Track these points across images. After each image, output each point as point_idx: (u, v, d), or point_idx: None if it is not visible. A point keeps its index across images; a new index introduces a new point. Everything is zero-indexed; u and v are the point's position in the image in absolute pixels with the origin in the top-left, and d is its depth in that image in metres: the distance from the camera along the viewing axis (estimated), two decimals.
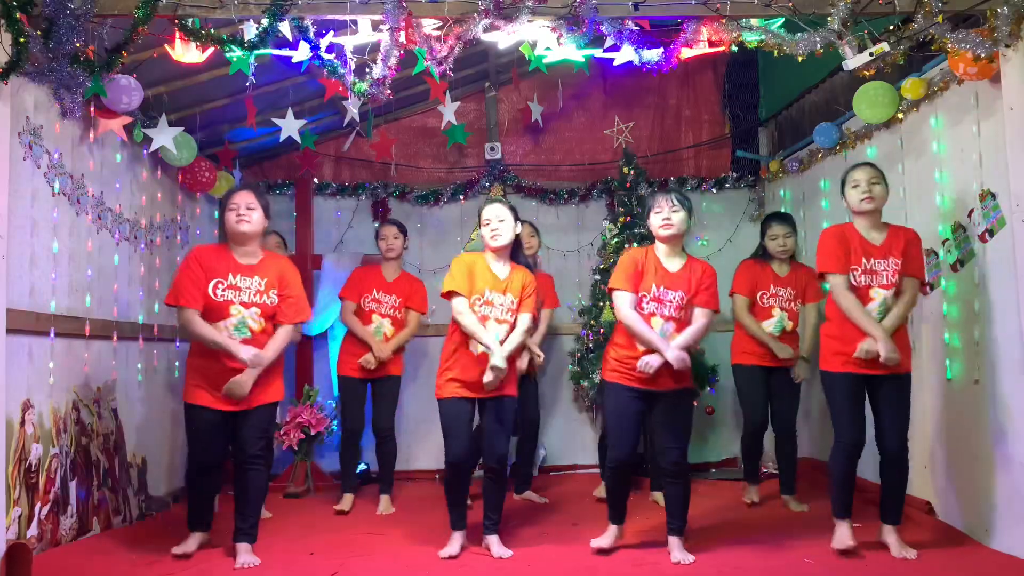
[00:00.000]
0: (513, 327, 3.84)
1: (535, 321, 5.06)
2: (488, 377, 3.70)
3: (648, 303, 3.68)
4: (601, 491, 5.13)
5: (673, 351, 3.60)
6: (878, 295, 3.68)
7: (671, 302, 3.65)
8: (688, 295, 3.67)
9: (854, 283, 3.70)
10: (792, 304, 4.83)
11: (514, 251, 3.95)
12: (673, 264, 3.73)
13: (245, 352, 3.64)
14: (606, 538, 3.84)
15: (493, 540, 3.85)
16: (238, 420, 3.76)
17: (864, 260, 3.69)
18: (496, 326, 3.80)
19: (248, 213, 3.75)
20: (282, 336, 3.82)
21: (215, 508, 4.10)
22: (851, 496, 3.71)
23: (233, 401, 3.69)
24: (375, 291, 5.04)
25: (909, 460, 3.70)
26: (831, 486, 3.75)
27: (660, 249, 3.77)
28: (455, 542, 3.84)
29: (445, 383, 3.83)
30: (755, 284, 4.86)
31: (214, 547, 3.94)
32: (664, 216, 3.68)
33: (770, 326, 4.81)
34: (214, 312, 3.69)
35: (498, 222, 3.83)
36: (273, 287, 3.78)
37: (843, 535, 3.66)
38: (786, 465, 4.87)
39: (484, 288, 3.80)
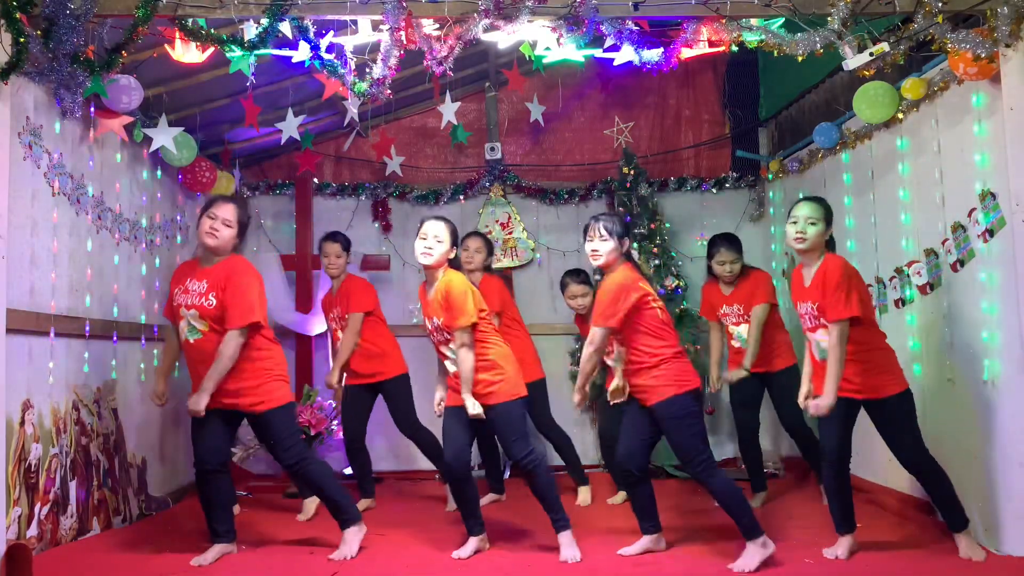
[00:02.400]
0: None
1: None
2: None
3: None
4: (618, 499, 5.06)
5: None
6: (811, 338, 3.65)
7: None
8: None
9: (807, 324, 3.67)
10: (745, 316, 4.87)
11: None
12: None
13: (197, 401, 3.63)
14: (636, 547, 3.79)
15: (563, 538, 3.73)
16: (255, 427, 3.84)
17: (799, 303, 3.67)
18: (445, 351, 3.79)
19: (221, 229, 3.70)
20: (225, 349, 3.59)
21: (234, 515, 3.94)
22: (850, 509, 3.69)
23: (226, 400, 3.68)
24: (332, 310, 5.04)
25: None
26: (829, 503, 3.74)
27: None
28: (468, 546, 3.80)
29: (444, 395, 3.93)
30: (712, 307, 5.00)
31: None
32: (592, 247, 3.66)
33: (735, 344, 4.93)
34: (175, 315, 3.76)
35: (435, 240, 3.71)
36: (213, 291, 3.65)
37: (843, 547, 3.64)
38: (813, 460, 4.80)
39: (424, 318, 3.84)
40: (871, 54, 3.60)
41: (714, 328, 5.04)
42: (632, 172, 6.19)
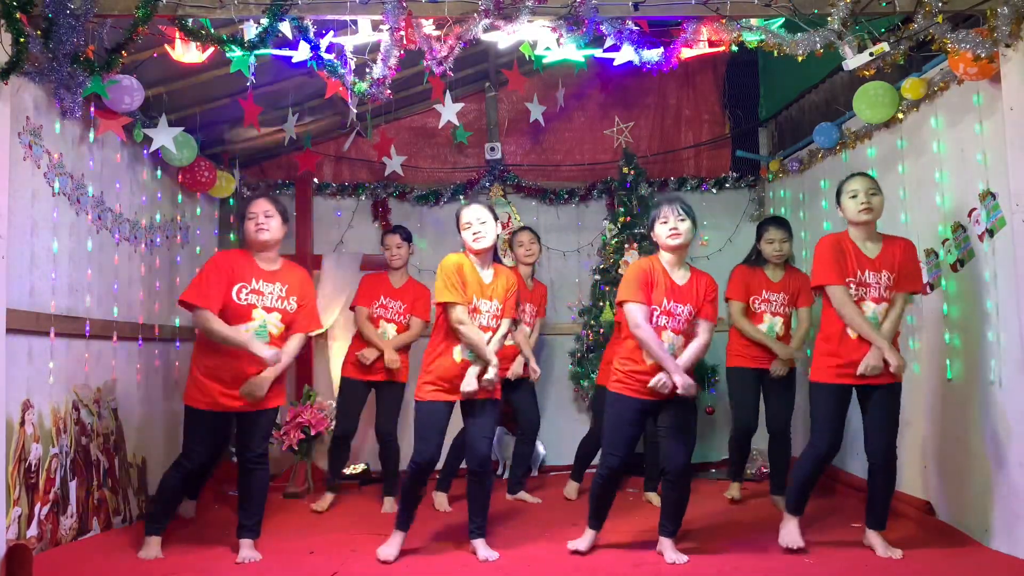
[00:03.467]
0: (495, 332, 3.82)
1: (529, 325, 5.12)
2: (470, 387, 3.68)
3: (660, 317, 3.63)
4: (571, 491, 5.24)
5: (681, 377, 3.55)
6: (868, 308, 3.68)
7: (680, 316, 3.64)
8: (695, 308, 3.66)
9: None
10: (785, 308, 4.84)
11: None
12: (680, 276, 3.70)
13: (267, 351, 3.71)
14: (583, 541, 3.83)
15: (480, 544, 3.79)
16: (244, 421, 3.83)
17: (858, 272, 3.70)
18: (482, 334, 3.76)
19: (266, 221, 3.83)
20: (295, 344, 3.91)
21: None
22: (809, 496, 3.82)
23: (245, 401, 3.75)
24: (382, 297, 5.05)
25: (905, 462, 3.71)
26: (794, 482, 3.81)
27: (666, 259, 3.72)
28: (394, 542, 3.77)
29: (424, 384, 3.77)
30: (748, 289, 4.88)
31: (211, 546, 3.95)
32: (671, 226, 3.63)
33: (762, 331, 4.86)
34: (236, 315, 3.75)
35: (480, 224, 3.75)
36: (294, 294, 3.88)
37: (792, 532, 3.75)
38: (778, 466, 4.88)
39: (472, 295, 3.75)
40: (871, 54, 3.60)
41: (739, 308, 4.85)
42: (632, 172, 6.19)
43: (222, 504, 4.98)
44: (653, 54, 3.85)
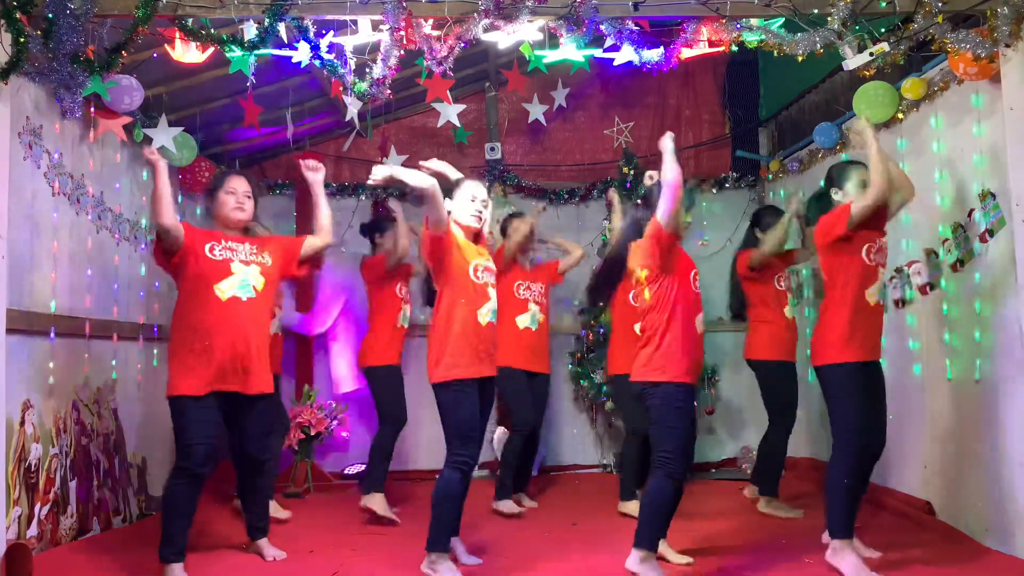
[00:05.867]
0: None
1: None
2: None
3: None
4: (629, 508, 4.57)
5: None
6: (880, 275, 3.54)
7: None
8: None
9: (869, 261, 3.49)
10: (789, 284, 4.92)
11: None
12: None
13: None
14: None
15: (455, 543, 3.65)
16: (241, 414, 3.60)
17: (877, 238, 3.54)
18: (492, 292, 3.53)
19: (246, 201, 3.69)
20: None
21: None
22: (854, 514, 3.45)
23: (236, 383, 3.51)
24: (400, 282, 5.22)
25: (905, 462, 3.67)
26: (844, 502, 3.38)
27: None
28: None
29: (457, 363, 3.41)
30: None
31: (212, 547, 3.94)
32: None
33: (790, 312, 4.83)
34: (217, 271, 3.53)
35: (483, 205, 3.59)
36: (265, 250, 3.68)
37: (856, 563, 3.31)
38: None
39: (471, 260, 3.50)
40: (871, 54, 3.60)
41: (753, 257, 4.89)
42: (632, 172, 6.19)
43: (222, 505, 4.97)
44: (653, 54, 3.85)
